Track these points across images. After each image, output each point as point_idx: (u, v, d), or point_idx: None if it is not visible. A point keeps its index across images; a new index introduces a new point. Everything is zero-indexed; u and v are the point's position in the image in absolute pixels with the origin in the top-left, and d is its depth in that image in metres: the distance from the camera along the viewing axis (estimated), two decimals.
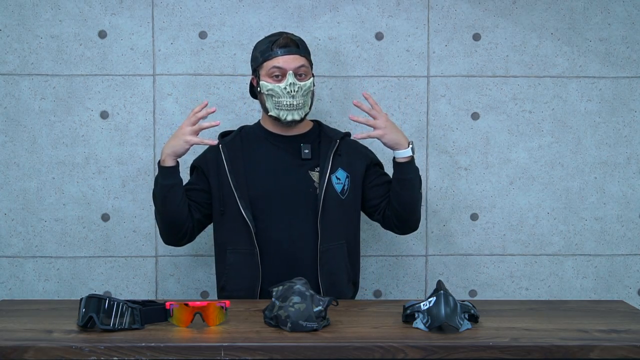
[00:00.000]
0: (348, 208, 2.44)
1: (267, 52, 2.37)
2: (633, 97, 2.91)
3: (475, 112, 2.90)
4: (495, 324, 1.95)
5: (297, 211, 2.39)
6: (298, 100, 2.35)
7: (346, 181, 2.43)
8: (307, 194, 2.39)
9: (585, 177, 2.92)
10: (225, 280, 2.42)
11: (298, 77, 2.36)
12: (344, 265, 2.43)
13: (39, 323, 1.94)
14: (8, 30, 2.81)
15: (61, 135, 2.84)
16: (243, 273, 2.38)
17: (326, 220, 2.38)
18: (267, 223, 2.38)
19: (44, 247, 2.86)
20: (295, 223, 2.38)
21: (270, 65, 2.36)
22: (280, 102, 2.35)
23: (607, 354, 1.77)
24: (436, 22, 2.87)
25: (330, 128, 2.54)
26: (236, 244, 2.39)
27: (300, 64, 2.36)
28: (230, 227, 2.40)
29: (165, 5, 2.83)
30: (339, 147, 2.45)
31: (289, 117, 2.37)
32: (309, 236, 2.38)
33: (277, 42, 2.37)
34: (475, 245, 2.93)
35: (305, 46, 2.44)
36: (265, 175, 2.40)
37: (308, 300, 1.87)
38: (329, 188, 2.39)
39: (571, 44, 2.89)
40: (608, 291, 2.95)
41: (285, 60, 2.35)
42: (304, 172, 2.41)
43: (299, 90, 2.34)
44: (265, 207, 2.38)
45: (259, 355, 1.75)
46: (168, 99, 2.85)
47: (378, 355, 1.75)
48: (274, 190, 2.39)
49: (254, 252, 2.36)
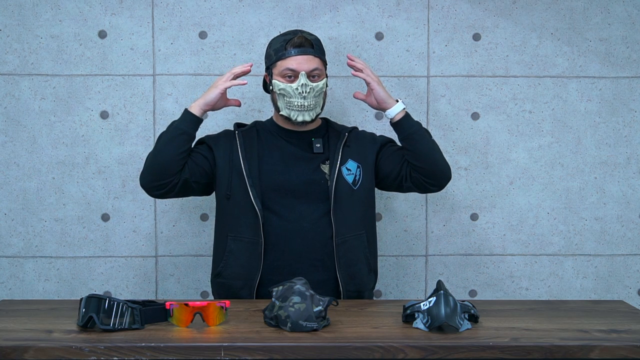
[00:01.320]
0: (362, 198, 2.42)
1: (281, 52, 2.35)
2: (633, 97, 2.91)
3: (475, 112, 2.90)
4: (495, 324, 1.95)
5: (309, 204, 2.37)
6: (309, 102, 2.34)
7: (357, 171, 2.42)
8: (318, 187, 2.38)
9: (585, 177, 2.92)
10: (223, 266, 2.40)
11: (311, 78, 2.34)
12: (364, 255, 2.42)
13: (39, 323, 1.94)
14: (8, 30, 2.81)
15: (61, 135, 2.84)
16: (242, 262, 2.36)
17: (339, 212, 2.36)
18: (276, 214, 2.36)
19: (44, 247, 2.86)
20: (306, 215, 2.36)
21: (283, 65, 2.34)
22: (292, 102, 2.34)
23: (607, 354, 1.77)
24: (436, 22, 2.87)
25: (337, 124, 2.54)
26: (238, 231, 2.37)
27: (314, 67, 2.34)
28: (235, 213, 2.38)
29: (165, 5, 2.83)
30: (347, 139, 2.44)
31: (300, 118, 2.36)
32: (322, 229, 2.36)
33: (292, 42, 2.35)
34: (475, 245, 2.93)
35: (321, 46, 2.41)
36: (277, 168, 2.39)
37: (308, 300, 1.87)
38: (339, 179, 2.38)
39: (571, 44, 2.89)
40: (608, 291, 2.95)
41: (298, 62, 2.33)
42: (315, 166, 2.40)
43: (311, 91, 2.33)
44: (275, 199, 2.37)
45: (259, 355, 1.75)
46: (168, 99, 2.85)
47: (378, 355, 1.75)
48: (286, 182, 2.38)
49: (257, 242, 2.34)
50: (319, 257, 2.36)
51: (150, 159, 2.38)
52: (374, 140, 2.50)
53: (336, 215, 2.36)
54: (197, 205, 2.88)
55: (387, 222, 2.91)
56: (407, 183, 2.45)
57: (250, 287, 2.36)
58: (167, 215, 2.88)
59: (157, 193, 2.40)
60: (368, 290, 2.47)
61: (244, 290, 2.36)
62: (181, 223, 2.89)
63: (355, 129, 2.53)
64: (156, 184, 2.37)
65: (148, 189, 2.40)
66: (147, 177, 2.38)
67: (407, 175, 2.43)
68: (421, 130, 2.41)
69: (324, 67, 2.41)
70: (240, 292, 2.37)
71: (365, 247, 2.42)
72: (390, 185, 2.50)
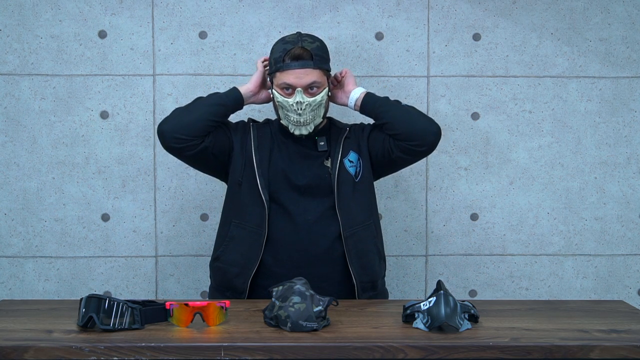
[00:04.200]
0: (364, 189, 2.42)
1: (279, 63, 2.32)
2: (633, 97, 2.91)
3: (475, 112, 2.90)
4: (495, 324, 1.95)
5: (313, 199, 2.37)
6: (305, 117, 2.33)
7: (358, 162, 2.41)
8: (322, 182, 2.38)
9: (585, 177, 2.92)
10: (222, 251, 2.39)
11: (309, 92, 2.32)
12: (374, 244, 2.42)
13: (39, 323, 1.94)
14: (8, 30, 2.81)
15: (61, 135, 2.84)
16: (242, 249, 2.36)
17: (344, 205, 2.36)
18: (282, 207, 2.36)
19: (44, 247, 2.86)
20: (310, 209, 2.36)
21: (281, 79, 2.32)
22: (289, 116, 2.34)
23: (607, 354, 1.77)
24: (436, 22, 2.87)
25: (340, 122, 2.54)
26: (243, 219, 2.36)
27: (312, 80, 2.31)
28: (242, 201, 2.37)
29: (165, 5, 2.83)
30: (349, 132, 2.44)
31: (297, 132, 2.36)
32: (327, 223, 2.35)
33: (290, 53, 2.31)
34: (475, 245, 2.93)
35: (322, 54, 2.36)
36: (284, 165, 2.39)
37: (308, 300, 1.87)
38: (341, 172, 2.37)
39: (571, 44, 2.89)
40: (608, 291, 2.95)
41: (296, 76, 2.30)
42: (319, 163, 2.41)
43: (307, 107, 2.32)
44: (281, 192, 2.36)
45: (259, 355, 1.75)
46: (168, 99, 2.85)
47: (378, 355, 1.75)
48: (291, 179, 2.37)
49: (260, 233, 2.34)
50: (323, 251, 2.35)
51: (180, 112, 2.34)
52: (362, 129, 2.49)
53: (341, 208, 2.35)
54: (197, 205, 2.88)
55: (387, 222, 2.91)
56: (396, 154, 2.39)
57: (245, 276, 2.34)
58: (167, 215, 2.88)
59: (175, 146, 2.32)
60: (380, 279, 2.47)
61: (239, 278, 2.35)
62: (181, 223, 2.89)
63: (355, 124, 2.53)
64: (177, 136, 2.30)
65: (167, 139, 2.32)
66: (171, 126, 2.31)
67: (392, 146, 2.39)
68: (388, 103, 2.40)
69: (326, 77, 2.37)
70: (235, 280, 2.36)
71: (374, 236, 2.42)
72: (384, 165, 2.46)
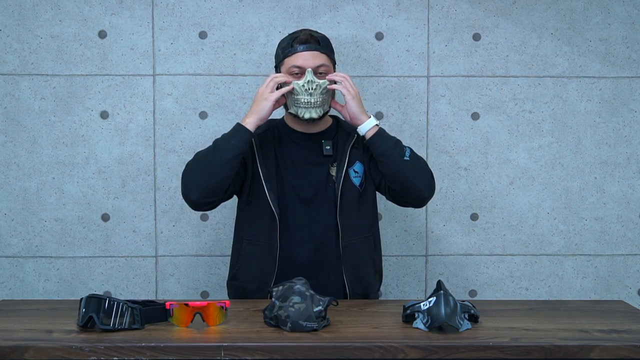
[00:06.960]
0: (367, 200, 2.41)
1: (288, 49, 2.35)
2: (633, 97, 2.91)
3: (475, 112, 2.90)
4: (495, 324, 1.95)
5: (319, 209, 2.37)
6: (316, 98, 2.32)
7: (363, 173, 2.40)
8: (327, 190, 2.37)
9: (585, 177, 2.92)
10: (238, 269, 2.40)
11: (318, 75, 2.33)
12: (371, 258, 2.41)
13: (39, 323, 1.94)
14: (8, 30, 2.81)
15: (61, 135, 2.84)
16: (257, 265, 2.36)
17: (345, 215, 2.35)
18: (291, 220, 2.36)
19: (44, 247, 2.86)
20: (318, 220, 2.36)
21: (289, 63, 2.34)
22: (299, 99, 2.33)
23: (607, 354, 1.77)
24: (436, 22, 2.87)
25: (347, 123, 2.47)
26: (254, 235, 2.36)
27: (320, 63, 2.33)
28: (252, 217, 2.37)
29: (165, 5, 2.83)
30: (356, 140, 2.42)
31: (307, 115, 2.34)
32: (332, 232, 2.36)
33: (298, 39, 2.35)
34: (475, 245, 2.93)
35: (328, 43, 2.40)
36: (289, 172, 2.39)
37: (308, 300, 1.87)
38: (346, 182, 2.37)
39: (571, 44, 2.89)
40: (608, 291, 2.95)
41: (304, 58, 2.33)
42: (325, 169, 2.40)
43: (317, 87, 2.32)
44: (289, 204, 2.36)
45: (259, 355, 1.75)
46: (168, 99, 2.85)
47: (378, 355, 1.75)
48: (297, 187, 2.37)
49: (273, 247, 2.34)
50: (329, 261, 2.36)
51: (203, 176, 2.27)
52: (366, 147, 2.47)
53: (342, 218, 2.35)
54: None
55: (387, 222, 2.91)
56: (387, 196, 2.42)
57: (264, 291, 2.34)
58: (167, 215, 2.88)
59: (207, 208, 2.35)
60: (374, 292, 2.46)
61: (258, 294, 2.35)
62: (181, 223, 2.89)
63: None
64: (209, 201, 2.31)
65: (197, 205, 2.32)
66: (198, 195, 2.28)
67: (385, 189, 2.40)
68: (393, 151, 2.31)
69: (332, 65, 2.40)
70: (254, 296, 2.35)
71: (372, 250, 2.42)
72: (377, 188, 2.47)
